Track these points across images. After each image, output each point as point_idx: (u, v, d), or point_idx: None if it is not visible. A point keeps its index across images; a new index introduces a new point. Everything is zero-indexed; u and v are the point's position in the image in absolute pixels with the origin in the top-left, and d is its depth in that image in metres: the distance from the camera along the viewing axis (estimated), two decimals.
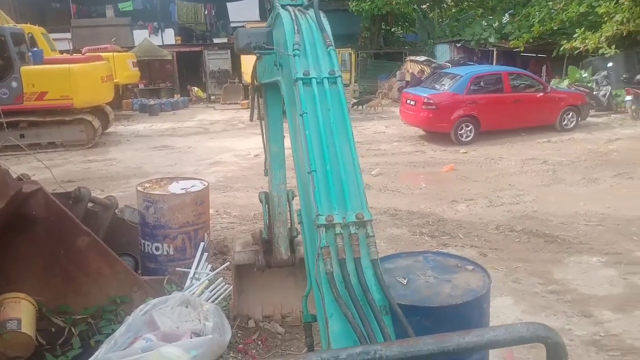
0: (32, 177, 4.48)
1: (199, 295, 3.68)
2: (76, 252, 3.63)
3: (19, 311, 3.32)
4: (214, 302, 3.68)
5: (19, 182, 3.63)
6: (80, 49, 18.23)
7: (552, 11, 17.80)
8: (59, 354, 3.39)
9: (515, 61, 20.10)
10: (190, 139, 13.38)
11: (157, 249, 4.55)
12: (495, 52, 20.44)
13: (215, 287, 3.90)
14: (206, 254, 4.33)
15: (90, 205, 4.52)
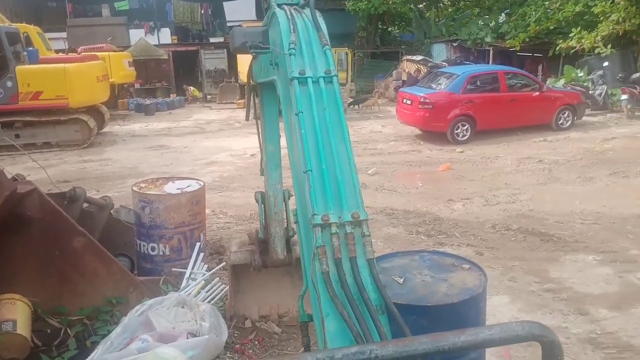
0: (27, 177, 4.46)
1: (195, 295, 3.67)
2: (72, 253, 3.62)
3: (14, 312, 3.31)
4: (210, 302, 3.67)
5: (14, 183, 3.61)
6: (76, 48, 18.15)
7: (548, 11, 17.86)
8: (55, 355, 3.38)
9: (511, 60, 20.14)
10: (186, 139, 13.35)
11: (153, 249, 4.53)
12: (491, 52, 20.49)
13: (211, 287, 3.89)
14: (202, 254, 4.32)
15: (85, 205, 4.51)
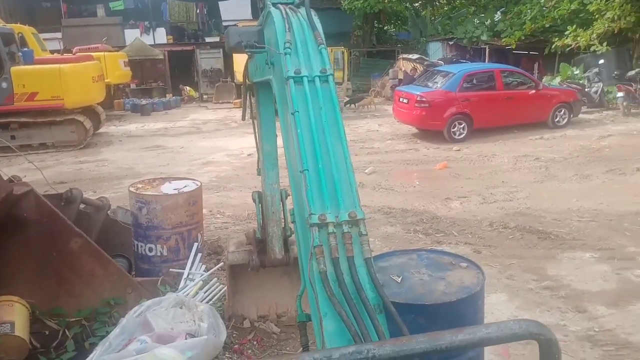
0: (23, 178, 4.45)
1: (193, 296, 3.67)
2: (69, 254, 3.61)
3: (12, 314, 3.30)
4: (208, 302, 3.67)
5: (10, 184, 3.61)
6: (71, 48, 18.10)
7: (544, 9, 17.89)
8: (53, 357, 3.37)
9: (507, 59, 20.17)
10: (182, 139, 13.33)
11: (150, 250, 4.52)
12: (487, 50, 20.52)
13: (209, 288, 3.89)
14: (200, 255, 4.32)
15: (82, 206, 4.50)
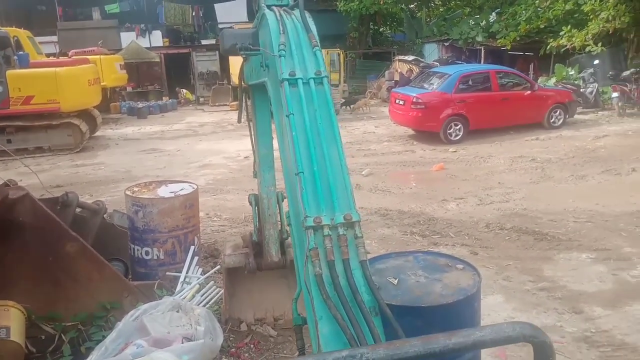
0: (19, 182, 4.42)
1: (190, 299, 3.66)
2: (65, 258, 3.60)
3: (8, 319, 3.28)
4: (205, 306, 3.67)
5: (6, 188, 3.60)
6: (66, 52, 18.06)
7: (539, 9, 17.98)
8: None
9: (502, 60, 20.24)
10: (179, 142, 13.32)
11: (147, 253, 4.51)
12: (482, 51, 20.58)
13: (206, 291, 3.88)
14: (197, 258, 4.31)
15: (78, 210, 4.49)
